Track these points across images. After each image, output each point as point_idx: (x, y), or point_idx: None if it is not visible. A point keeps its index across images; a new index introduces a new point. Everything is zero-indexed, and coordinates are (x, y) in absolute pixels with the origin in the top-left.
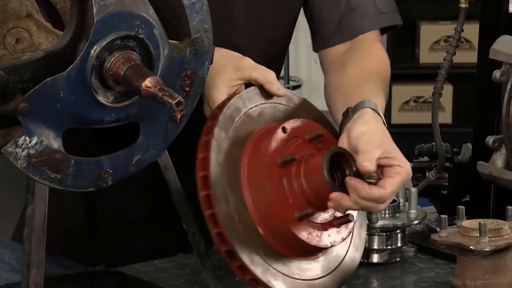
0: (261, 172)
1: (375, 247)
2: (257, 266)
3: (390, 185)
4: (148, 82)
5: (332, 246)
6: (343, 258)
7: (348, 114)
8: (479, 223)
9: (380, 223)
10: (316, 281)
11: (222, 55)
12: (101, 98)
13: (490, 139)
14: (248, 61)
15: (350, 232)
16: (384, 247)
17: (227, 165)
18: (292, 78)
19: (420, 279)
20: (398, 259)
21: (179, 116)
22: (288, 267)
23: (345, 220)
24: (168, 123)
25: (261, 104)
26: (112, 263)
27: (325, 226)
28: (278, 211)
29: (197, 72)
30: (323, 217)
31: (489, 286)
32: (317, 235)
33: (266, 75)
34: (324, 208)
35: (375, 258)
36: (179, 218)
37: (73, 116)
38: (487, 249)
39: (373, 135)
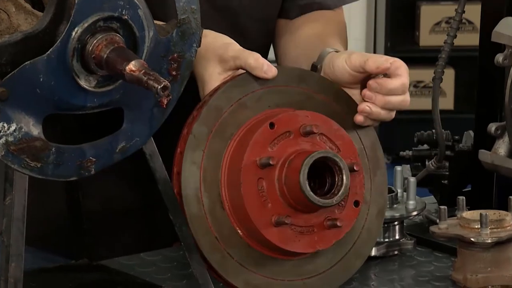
0: (241, 172)
1: None
2: (228, 270)
3: (402, 71)
4: (132, 66)
5: (317, 250)
6: (347, 253)
7: (316, 68)
8: (481, 214)
9: None
10: (306, 280)
11: (206, 47)
12: (83, 83)
13: (492, 126)
14: (231, 49)
15: (344, 232)
16: (382, 240)
17: (207, 161)
18: None
19: (419, 273)
20: (396, 252)
21: (165, 102)
22: (269, 269)
23: (333, 223)
24: (154, 109)
25: (260, 89)
26: (96, 256)
27: (311, 229)
28: (254, 216)
29: (184, 55)
30: (309, 219)
31: (491, 280)
32: (299, 240)
33: (248, 60)
34: (311, 211)
35: (372, 251)
36: (166, 209)
37: (53, 102)
38: (489, 241)
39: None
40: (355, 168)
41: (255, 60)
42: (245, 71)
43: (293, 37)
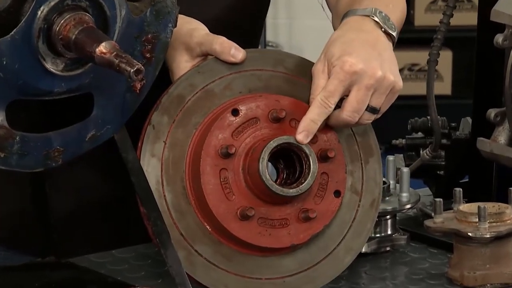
0: (199, 163)
1: None
2: (196, 268)
3: (320, 91)
4: (103, 48)
5: (292, 244)
6: (335, 248)
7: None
8: (479, 206)
9: None
10: (287, 279)
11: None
12: (49, 66)
13: (491, 112)
14: (196, 35)
15: (323, 225)
16: (372, 235)
17: (169, 153)
18: (269, 44)
19: (413, 271)
20: (388, 249)
21: (138, 86)
22: (244, 266)
23: (307, 216)
24: (126, 94)
25: (229, 74)
26: (64, 254)
27: (284, 221)
28: (216, 209)
29: (159, 36)
30: (282, 212)
31: (490, 277)
32: (271, 234)
33: (213, 46)
34: (282, 202)
35: (363, 247)
36: (140, 202)
37: (18, 86)
38: (487, 236)
39: (319, 60)
40: (329, 154)
41: (220, 45)
42: (213, 56)
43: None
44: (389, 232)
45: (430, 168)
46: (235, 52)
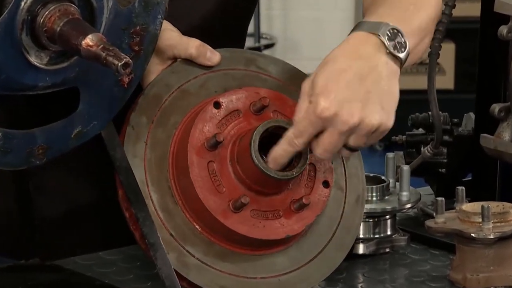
0: (185, 158)
1: (360, 235)
2: (190, 270)
3: (291, 129)
4: (89, 40)
5: (286, 236)
6: (326, 245)
7: None
8: (482, 206)
9: (366, 207)
10: (281, 277)
11: None
12: (33, 59)
13: (495, 108)
14: (167, 38)
15: (316, 215)
16: (371, 236)
17: (151, 153)
18: (263, 36)
19: (413, 273)
20: (387, 250)
21: (126, 81)
22: (237, 265)
23: (301, 204)
24: (114, 88)
25: (203, 74)
26: (48, 256)
27: (277, 212)
28: (209, 203)
29: (148, 28)
30: (273, 202)
31: (494, 280)
32: (264, 226)
33: (188, 51)
34: (273, 193)
35: (360, 248)
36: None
37: (0, 81)
38: (491, 237)
39: (310, 75)
40: None
41: (196, 49)
42: None
43: None
44: (388, 232)
45: (431, 166)
46: (211, 55)
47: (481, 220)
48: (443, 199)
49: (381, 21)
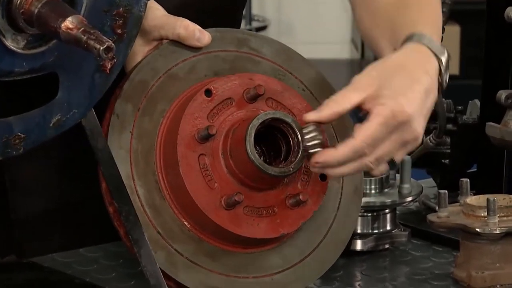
0: (174, 151)
1: (358, 231)
2: (178, 269)
3: (360, 132)
4: (69, 23)
5: (282, 234)
6: (321, 241)
7: None
8: (488, 199)
9: (364, 200)
10: (275, 276)
11: None
12: (9, 43)
13: (502, 94)
14: (153, 17)
15: (313, 211)
16: (370, 231)
17: (137, 144)
18: (255, 18)
19: (415, 271)
20: (387, 246)
21: (109, 66)
22: (226, 264)
23: (297, 200)
24: (95, 74)
25: (193, 56)
26: (26, 253)
27: (272, 209)
28: (200, 199)
29: (132, 10)
30: (267, 198)
31: (500, 278)
32: (258, 224)
33: (176, 31)
34: (267, 188)
35: (358, 245)
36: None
37: None
38: (497, 232)
39: (370, 71)
40: None
41: (185, 29)
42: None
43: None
44: (388, 228)
45: (434, 157)
46: (200, 35)
47: (486, 214)
48: (447, 191)
49: (438, 43)
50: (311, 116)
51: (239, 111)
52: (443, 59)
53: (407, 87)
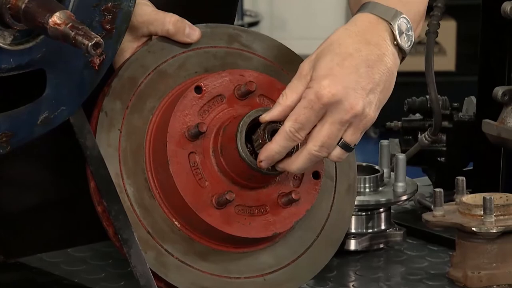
0: (163, 149)
1: (352, 230)
2: (168, 270)
3: (287, 118)
4: (56, 18)
5: (274, 233)
6: (315, 240)
7: None
8: (484, 198)
9: (358, 199)
10: (267, 276)
11: None
12: None
13: (498, 91)
14: (141, 13)
15: (306, 210)
16: (364, 231)
17: (126, 142)
18: (247, 13)
19: (410, 271)
20: (381, 246)
21: (97, 62)
22: (218, 264)
23: (289, 199)
24: (84, 71)
25: (182, 53)
26: (13, 253)
27: (263, 208)
28: (190, 198)
29: (121, 5)
30: (259, 197)
31: (497, 278)
32: (250, 223)
33: (165, 27)
34: (260, 186)
35: (352, 244)
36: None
37: None
38: (494, 231)
39: (310, 56)
40: None
41: (173, 25)
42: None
43: None
44: (382, 227)
45: (429, 154)
46: (190, 31)
47: (483, 213)
48: (442, 190)
49: (393, 8)
50: (265, 117)
51: (230, 108)
52: (396, 21)
53: (333, 66)
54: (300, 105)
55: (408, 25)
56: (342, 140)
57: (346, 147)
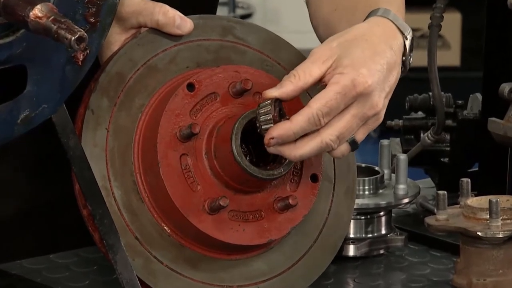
0: (154, 150)
1: (351, 235)
2: (156, 278)
3: (316, 100)
4: (38, 11)
5: (269, 240)
6: (311, 246)
7: None
8: (490, 200)
9: (357, 202)
10: (261, 285)
11: None
12: None
13: (505, 88)
14: (129, 3)
15: (303, 215)
16: (363, 236)
17: (113, 142)
18: (239, 5)
19: (411, 278)
20: (381, 251)
21: (81, 57)
22: (210, 272)
23: (286, 204)
24: (66, 67)
25: (173, 46)
26: None
27: (259, 213)
28: (181, 203)
29: None
30: (254, 202)
31: (503, 285)
32: (244, 230)
33: (154, 17)
34: (255, 191)
35: (351, 250)
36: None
37: None
38: (500, 236)
39: (330, 43)
40: None
41: (163, 15)
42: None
43: None
44: (383, 231)
45: (432, 155)
46: (181, 22)
47: (488, 216)
48: (446, 192)
49: (407, 25)
50: (273, 92)
51: (224, 107)
52: (409, 37)
53: (368, 58)
54: (332, 89)
55: (412, 44)
56: (353, 136)
57: (354, 144)
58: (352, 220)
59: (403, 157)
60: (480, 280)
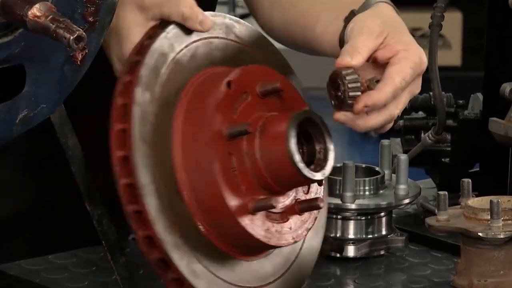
0: (201, 148)
1: (351, 236)
2: (200, 279)
3: (395, 73)
4: (36, 10)
5: (295, 242)
6: (300, 249)
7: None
8: (491, 201)
9: (357, 203)
10: (270, 285)
11: None
12: None
13: (506, 88)
14: None
15: (315, 218)
16: (363, 236)
17: (155, 140)
18: (239, 4)
19: (412, 279)
20: (382, 252)
21: (80, 57)
22: (236, 273)
23: (311, 205)
24: (65, 66)
25: (193, 42)
26: None
27: (284, 215)
28: (225, 203)
29: None
30: (282, 203)
31: (504, 286)
32: (276, 231)
33: (180, 9)
34: (284, 192)
35: (351, 251)
36: (81, 199)
37: None
38: (501, 237)
39: (374, 20)
40: None
41: (189, 8)
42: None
43: None
44: (383, 232)
45: (433, 155)
46: (204, 19)
47: (489, 217)
48: (446, 193)
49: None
50: (352, 61)
51: (254, 106)
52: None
53: (410, 37)
54: (406, 65)
55: None
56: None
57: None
58: (352, 221)
59: (403, 157)
60: (481, 281)
